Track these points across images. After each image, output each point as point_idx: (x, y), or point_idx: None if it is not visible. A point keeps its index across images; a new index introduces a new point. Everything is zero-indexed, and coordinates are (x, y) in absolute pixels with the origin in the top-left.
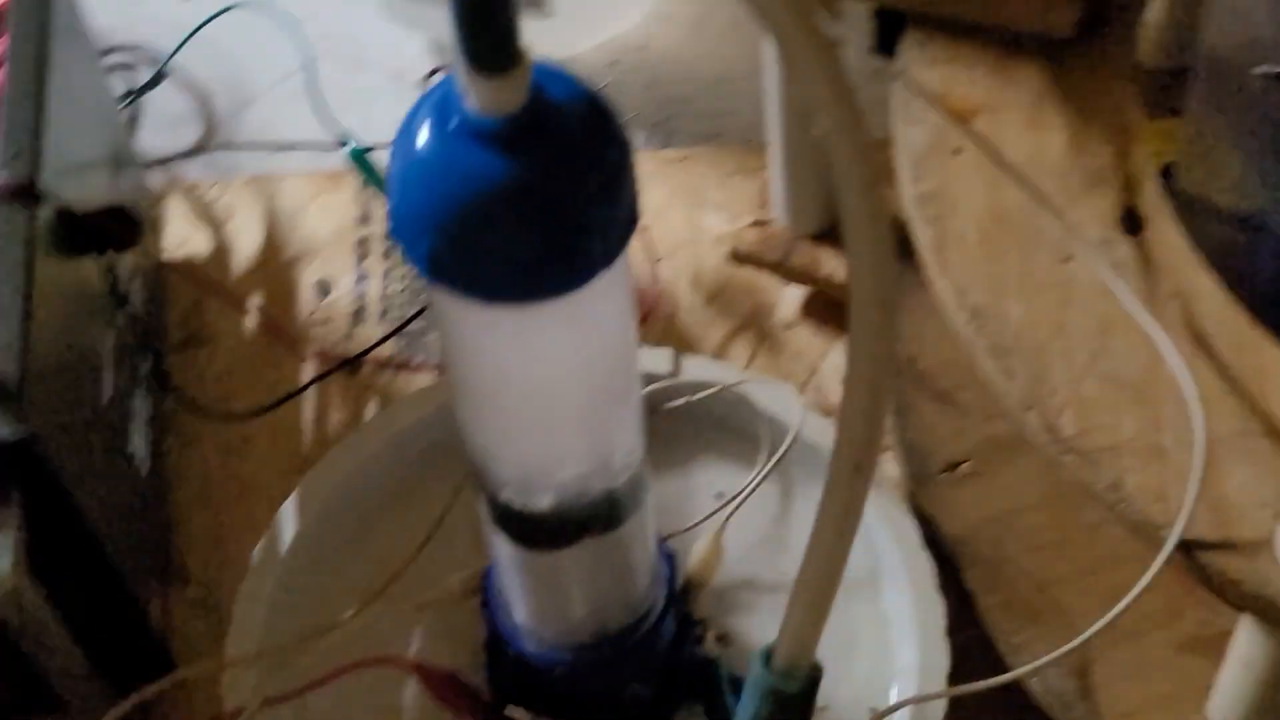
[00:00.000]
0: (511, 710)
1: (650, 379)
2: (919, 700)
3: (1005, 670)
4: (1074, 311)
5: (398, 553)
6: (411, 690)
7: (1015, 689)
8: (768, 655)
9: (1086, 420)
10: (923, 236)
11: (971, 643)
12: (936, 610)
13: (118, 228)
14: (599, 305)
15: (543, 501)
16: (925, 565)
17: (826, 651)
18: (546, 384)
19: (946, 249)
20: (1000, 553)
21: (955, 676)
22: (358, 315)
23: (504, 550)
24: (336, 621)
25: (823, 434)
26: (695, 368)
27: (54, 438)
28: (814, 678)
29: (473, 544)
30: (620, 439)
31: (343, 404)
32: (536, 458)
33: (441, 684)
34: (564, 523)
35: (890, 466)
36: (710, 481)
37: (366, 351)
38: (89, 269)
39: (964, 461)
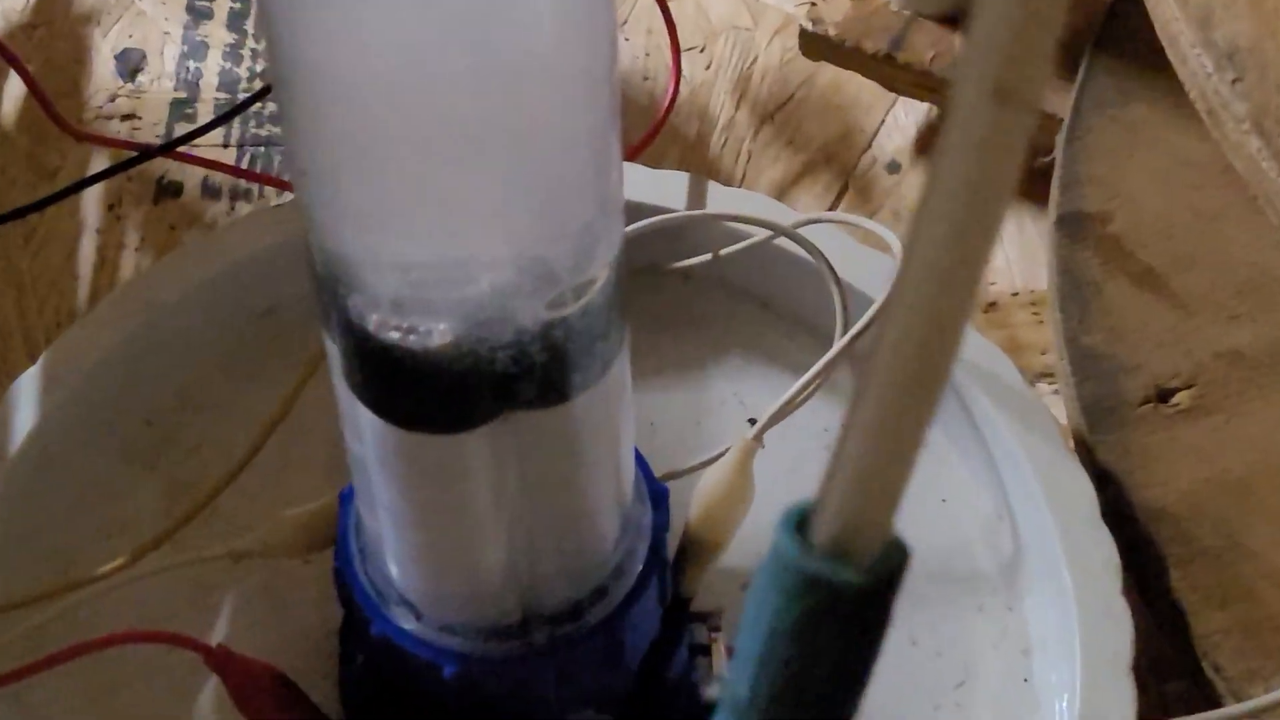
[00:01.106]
0: None
1: (650, 212)
2: None
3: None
4: None
5: (201, 473)
6: (209, 694)
7: None
8: (800, 519)
9: None
10: None
11: (1166, 668)
12: (1119, 634)
13: None
14: None
15: (435, 333)
16: (1103, 556)
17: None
18: (430, 81)
19: None
20: (1232, 538)
21: None
22: (183, 108)
23: (372, 443)
24: (91, 574)
25: None
26: (727, 201)
27: None
28: (892, 564)
29: (326, 464)
30: (569, 206)
31: (145, 240)
32: (422, 224)
33: (256, 686)
34: (469, 379)
35: (1049, 397)
36: (738, 392)
37: (178, 142)
38: None
39: (1182, 389)
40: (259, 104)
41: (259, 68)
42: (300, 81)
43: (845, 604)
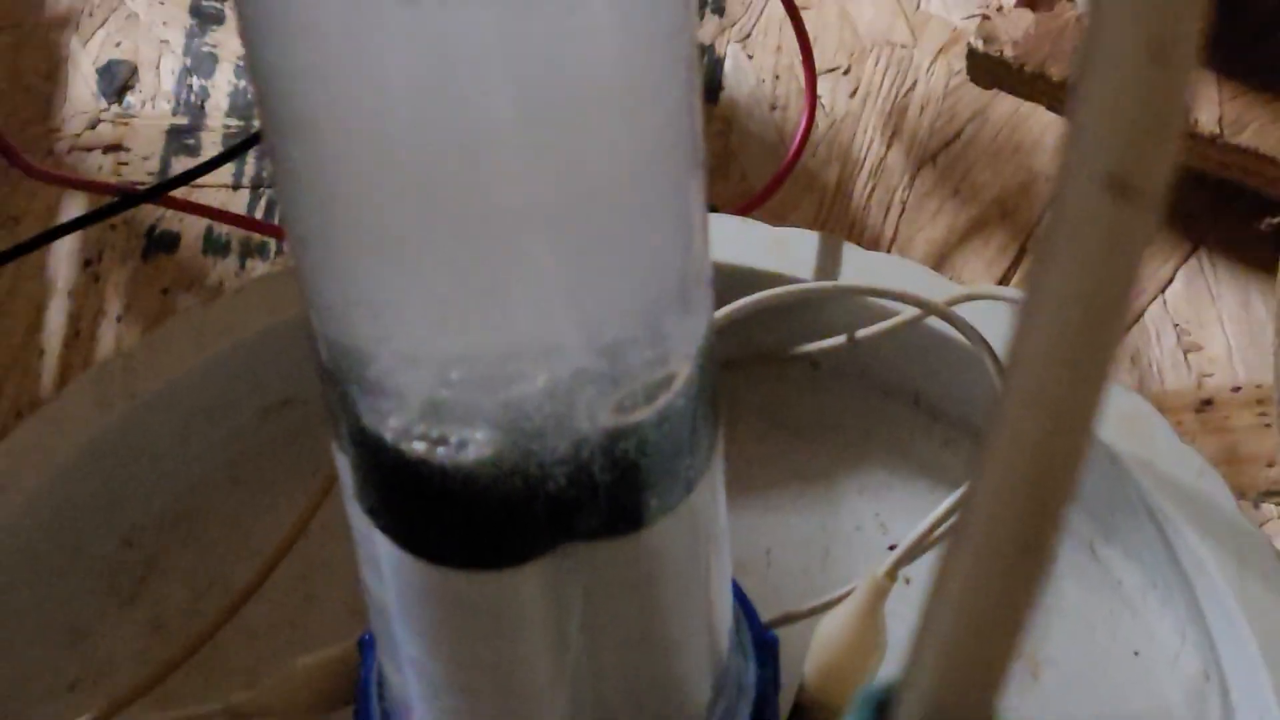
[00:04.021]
0: None
1: (771, 282)
2: None
3: None
4: None
5: (193, 607)
6: None
7: None
8: (881, 704)
9: None
10: None
11: None
12: None
13: None
14: None
15: (471, 444)
16: None
17: None
18: (467, 136)
19: None
20: None
21: None
22: (182, 137)
23: (393, 581)
24: None
25: (1135, 431)
26: (868, 269)
27: None
28: None
29: (351, 597)
30: (636, 283)
31: (130, 308)
32: (453, 308)
33: None
34: (515, 503)
35: (1275, 522)
36: (879, 513)
37: (174, 183)
38: None
39: None
40: None
41: None
42: (297, 127)
43: None
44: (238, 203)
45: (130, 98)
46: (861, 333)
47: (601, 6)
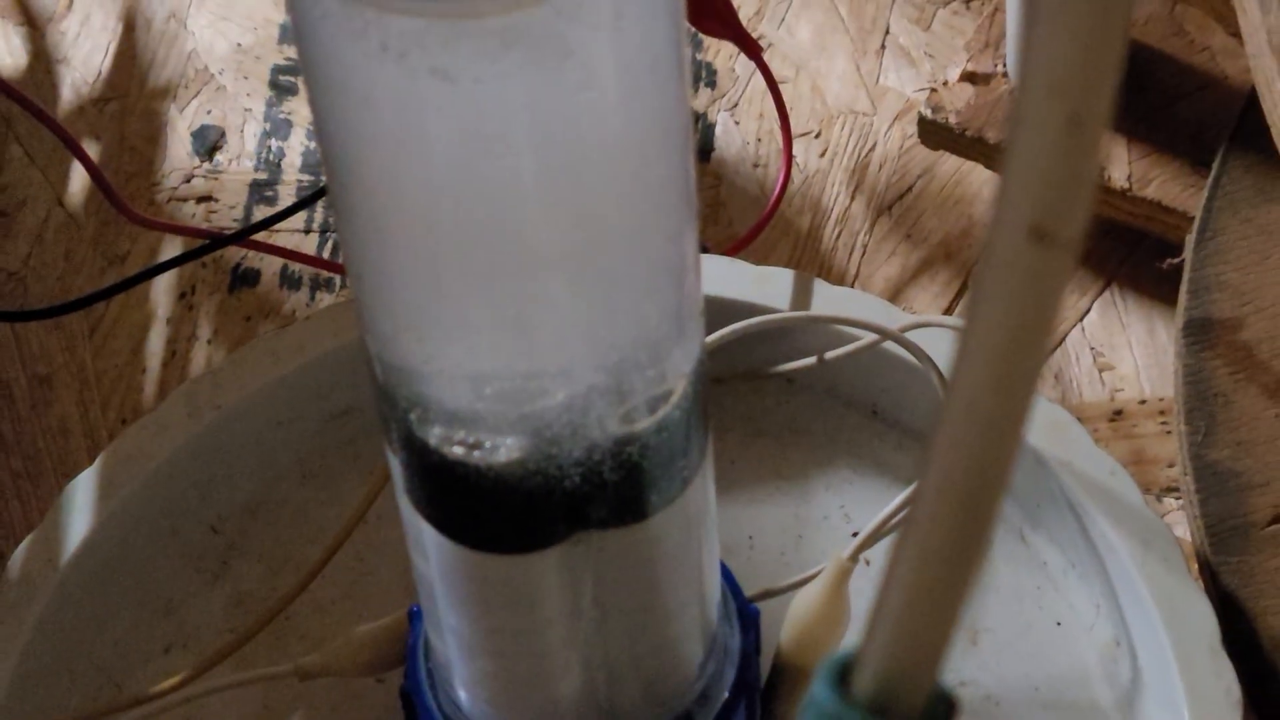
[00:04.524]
0: None
1: (752, 311)
2: None
3: None
4: None
5: (269, 584)
6: None
7: None
8: (842, 669)
9: None
10: (1260, 30)
11: None
12: None
13: None
14: (602, 25)
15: (502, 449)
16: (1223, 687)
17: None
18: (499, 192)
19: None
20: None
21: None
22: (263, 190)
23: (436, 561)
24: (148, 691)
25: (1057, 437)
26: (834, 301)
27: None
28: (936, 718)
29: (403, 575)
30: (642, 315)
31: (219, 333)
32: (485, 335)
33: None
34: (538, 498)
35: (1174, 513)
36: (844, 505)
37: (254, 229)
38: None
39: None
40: None
41: None
42: (356, 182)
43: None
44: (309, 244)
45: (219, 157)
46: (829, 354)
47: (611, 84)
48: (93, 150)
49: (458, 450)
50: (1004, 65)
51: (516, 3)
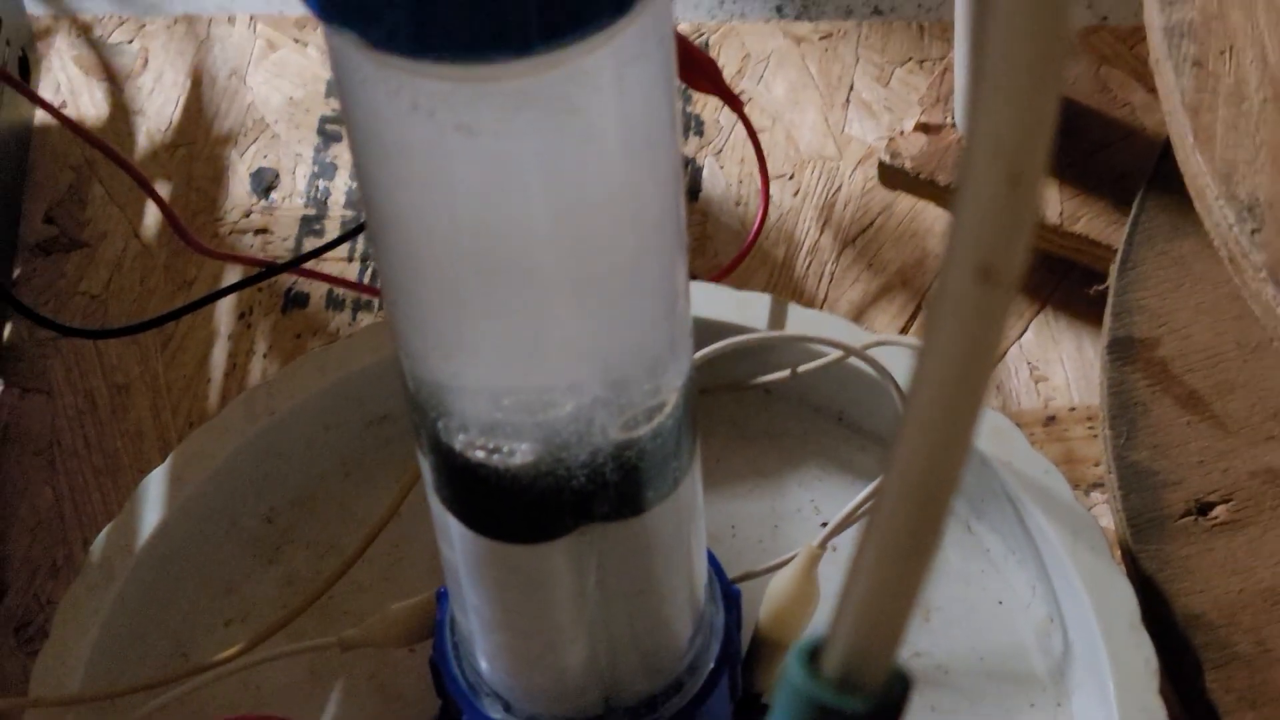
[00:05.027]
0: None
1: (734, 331)
2: None
3: None
4: None
5: (316, 567)
6: None
7: None
8: (812, 652)
9: None
10: (1174, 90)
11: None
12: None
13: None
14: (604, 87)
15: (518, 453)
16: (1143, 658)
17: None
18: (514, 230)
19: (1210, 110)
20: (1264, 644)
21: None
22: (311, 224)
23: (460, 550)
24: (202, 663)
25: (999, 440)
26: (805, 322)
27: None
28: (895, 694)
29: (432, 560)
30: (642, 337)
31: (273, 348)
32: (504, 356)
33: None
34: (549, 495)
35: (1100, 506)
36: (814, 499)
37: (304, 258)
38: None
39: (1221, 502)
40: None
41: None
42: (390, 220)
43: None
44: (351, 271)
45: (274, 195)
46: (802, 368)
47: (613, 137)
48: (164, 190)
49: (479, 454)
50: (953, 117)
51: (531, 68)
